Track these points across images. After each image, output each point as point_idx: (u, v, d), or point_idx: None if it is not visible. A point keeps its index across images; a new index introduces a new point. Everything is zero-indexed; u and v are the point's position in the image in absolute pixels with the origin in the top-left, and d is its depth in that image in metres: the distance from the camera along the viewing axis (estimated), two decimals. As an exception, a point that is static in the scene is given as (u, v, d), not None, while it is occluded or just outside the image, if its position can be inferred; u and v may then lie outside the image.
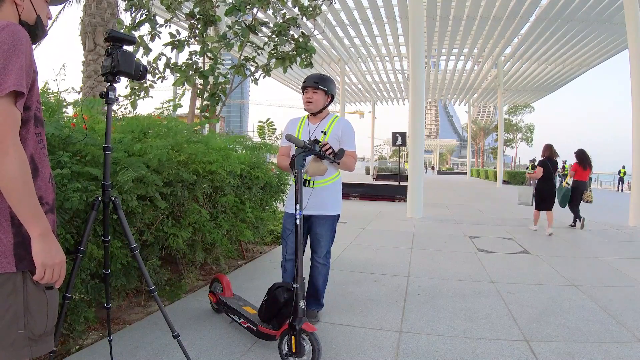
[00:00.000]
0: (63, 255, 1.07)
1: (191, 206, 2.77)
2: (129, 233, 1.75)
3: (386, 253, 4.71)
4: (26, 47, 1.00)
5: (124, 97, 4.88)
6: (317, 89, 2.50)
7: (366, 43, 17.15)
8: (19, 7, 1.10)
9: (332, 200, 2.56)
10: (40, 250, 1.01)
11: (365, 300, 3.07)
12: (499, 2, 12.44)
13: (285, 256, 2.56)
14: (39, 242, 1.01)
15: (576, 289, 3.45)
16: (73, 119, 2.34)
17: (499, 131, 22.48)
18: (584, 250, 5.13)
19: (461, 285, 3.49)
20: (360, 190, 11.47)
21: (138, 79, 1.75)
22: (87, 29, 7.17)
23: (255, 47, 5.11)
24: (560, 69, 19.82)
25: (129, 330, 2.39)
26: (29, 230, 1.00)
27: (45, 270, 1.02)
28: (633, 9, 7.99)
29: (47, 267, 1.02)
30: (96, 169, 1.96)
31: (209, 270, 3.69)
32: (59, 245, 1.07)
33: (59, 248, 1.06)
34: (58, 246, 1.06)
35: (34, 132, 1.08)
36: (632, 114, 7.96)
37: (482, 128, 45.96)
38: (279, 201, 4.26)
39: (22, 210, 0.98)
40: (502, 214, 8.85)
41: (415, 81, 8.54)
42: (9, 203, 0.98)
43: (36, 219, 1.00)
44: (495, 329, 2.56)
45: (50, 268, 1.03)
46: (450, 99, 29.92)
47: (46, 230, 1.03)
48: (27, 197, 0.98)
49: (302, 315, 2.00)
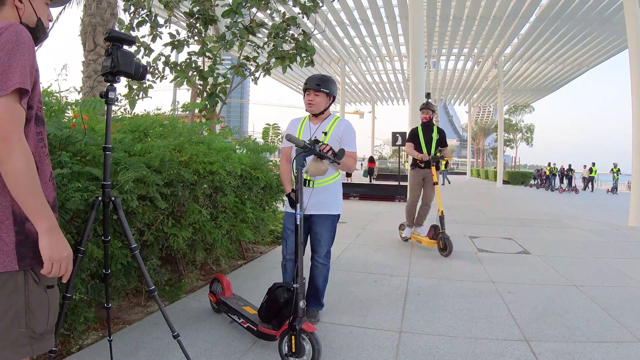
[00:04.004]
0: (70, 250, 1.08)
1: (191, 206, 2.77)
2: (129, 233, 1.75)
3: (386, 253, 4.71)
4: (29, 47, 1.01)
5: (123, 96, 4.88)
6: (319, 91, 2.49)
7: (366, 43, 17.17)
8: (20, 10, 1.11)
9: (332, 200, 2.56)
10: (48, 245, 1.02)
11: (365, 300, 3.07)
12: (499, 2, 12.44)
13: (286, 256, 2.56)
14: (46, 237, 1.02)
15: (576, 289, 3.45)
16: (73, 119, 2.35)
17: (499, 131, 22.50)
18: (584, 250, 5.12)
19: (461, 285, 3.49)
20: (360, 190, 11.48)
21: (138, 79, 1.75)
22: (87, 29, 7.16)
23: (254, 47, 5.11)
24: (560, 69, 19.84)
25: (129, 330, 2.39)
26: (36, 226, 1.02)
27: (52, 265, 1.03)
28: (633, 9, 8.00)
29: (55, 262, 1.04)
30: (96, 169, 1.96)
31: (209, 270, 3.69)
32: (65, 240, 1.08)
33: (66, 242, 1.08)
34: (65, 241, 1.08)
35: (35, 131, 1.08)
36: (632, 113, 7.97)
37: (482, 128, 45.97)
38: (279, 201, 4.26)
39: (29, 205, 1.00)
40: (502, 214, 8.85)
41: (415, 81, 8.55)
42: (16, 199, 0.99)
43: (43, 214, 1.02)
44: (495, 329, 2.56)
45: (58, 262, 1.04)
46: (450, 99, 29.93)
47: (53, 225, 1.04)
48: (33, 192, 0.99)
49: (302, 315, 2.00)
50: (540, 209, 10.25)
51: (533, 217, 8.39)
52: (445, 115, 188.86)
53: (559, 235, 6.27)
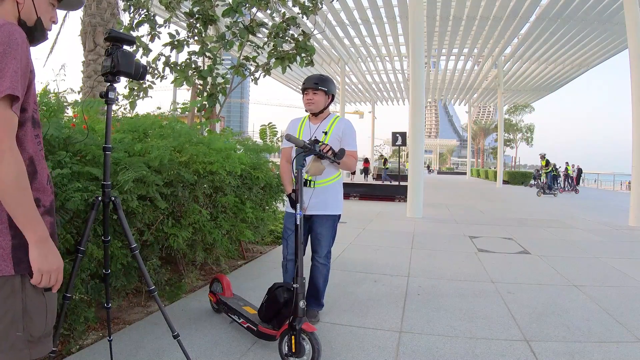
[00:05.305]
0: (60, 261, 1.07)
1: (191, 206, 2.77)
2: (129, 233, 1.75)
3: (386, 253, 4.71)
4: (22, 48, 0.97)
5: (124, 96, 4.88)
6: (318, 90, 2.50)
7: (366, 43, 17.15)
8: (20, 6, 1.08)
9: (333, 200, 2.56)
10: (37, 256, 1.00)
11: (365, 300, 3.07)
12: (499, 2, 12.44)
13: (286, 256, 2.56)
14: (35, 249, 1.00)
15: (576, 289, 3.45)
16: (73, 119, 2.35)
17: (499, 131, 22.48)
18: (584, 250, 5.12)
19: (461, 285, 3.49)
20: (361, 190, 11.48)
21: (138, 79, 1.75)
22: (87, 29, 7.16)
23: (254, 47, 5.11)
24: (560, 69, 19.82)
25: (129, 330, 2.39)
26: (26, 236, 1.00)
27: (42, 276, 1.02)
28: (633, 9, 7.99)
29: (44, 273, 1.02)
30: (96, 169, 1.96)
31: (209, 270, 3.69)
32: (56, 251, 1.06)
33: (56, 253, 1.06)
34: (55, 252, 1.06)
35: (32, 134, 1.06)
36: (632, 113, 7.96)
37: (482, 128, 45.97)
38: (279, 201, 4.26)
39: (18, 215, 0.97)
40: (502, 214, 8.85)
41: (415, 81, 8.54)
42: (6, 208, 0.97)
43: (33, 225, 1.00)
44: (495, 329, 2.56)
45: (47, 274, 1.03)
46: (450, 99, 29.92)
47: (43, 236, 1.02)
48: (23, 202, 0.97)
49: (302, 315, 2.00)
50: (540, 209, 10.26)
51: (533, 217, 8.40)
52: (445, 115, 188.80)
53: (559, 235, 6.27)
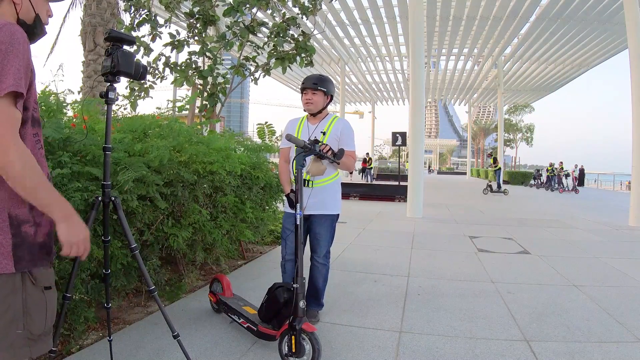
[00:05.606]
0: (86, 231, 1.13)
1: (191, 206, 2.77)
2: (129, 233, 1.75)
3: (386, 253, 4.71)
4: (24, 48, 0.99)
5: (124, 97, 4.88)
6: (317, 90, 2.50)
7: (366, 43, 17.16)
8: (17, 6, 1.09)
9: (331, 200, 2.56)
10: (66, 231, 1.06)
11: (365, 300, 3.07)
12: (499, 2, 12.44)
13: (285, 256, 2.56)
14: (64, 224, 1.06)
15: (576, 289, 3.45)
16: (73, 119, 2.35)
17: (499, 131, 22.51)
18: (584, 250, 5.12)
19: (461, 285, 3.49)
20: (360, 190, 11.48)
21: (138, 79, 1.74)
22: (87, 29, 7.18)
23: (255, 47, 5.11)
24: (560, 69, 19.83)
25: (129, 330, 2.39)
26: (52, 216, 1.05)
27: (71, 247, 1.09)
28: (633, 9, 7.99)
29: (73, 245, 1.09)
30: (96, 169, 1.96)
31: (209, 270, 3.69)
32: (81, 223, 1.12)
33: (82, 225, 1.12)
34: (81, 224, 1.12)
35: (32, 133, 1.08)
36: (632, 113, 7.96)
37: (482, 128, 45.99)
38: (279, 201, 4.26)
39: (38, 200, 1.02)
40: (502, 214, 8.85)
41: (415, 81, 8.54)
42: (27, 199, 1.01)
43: (55, 204, 1.05)
44: (495, 329, 2.56)
45: (76, 245, 1.10)
46: (450, 99, 29.93)
47: (68, 213, 1.08)
48: (39, 187, 1.01)
49: (302, 315, 2.00)
50: (540, 209, 10.26)
51: (533, 217, 8.40)
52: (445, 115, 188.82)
53: (559, 235, 6.27)
